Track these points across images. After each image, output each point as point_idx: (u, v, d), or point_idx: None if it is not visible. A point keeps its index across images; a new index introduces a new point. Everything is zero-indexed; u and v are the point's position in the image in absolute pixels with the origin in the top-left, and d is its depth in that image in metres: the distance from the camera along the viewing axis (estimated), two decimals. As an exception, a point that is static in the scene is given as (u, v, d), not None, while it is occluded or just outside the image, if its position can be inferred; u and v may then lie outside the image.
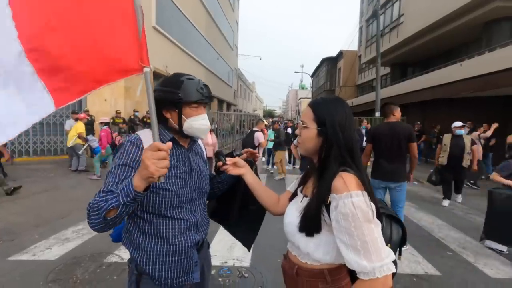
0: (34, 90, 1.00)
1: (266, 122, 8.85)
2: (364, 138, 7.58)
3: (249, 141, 6.32)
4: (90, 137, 8.48)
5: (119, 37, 1.03)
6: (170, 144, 0.95)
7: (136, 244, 1.19)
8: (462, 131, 5.43)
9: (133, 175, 0.97)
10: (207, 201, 1.49)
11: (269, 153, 9.18)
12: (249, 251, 1.62)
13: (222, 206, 1.55)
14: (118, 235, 1.36)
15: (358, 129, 8.40)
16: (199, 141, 1.42)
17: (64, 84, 1.01)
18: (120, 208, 0.96)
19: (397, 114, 3.53)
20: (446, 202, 5.65)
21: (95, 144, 8.16)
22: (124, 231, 1.27)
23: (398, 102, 15.30)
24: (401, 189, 3.42)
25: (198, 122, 1.19)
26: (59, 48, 0.99)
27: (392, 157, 3.43)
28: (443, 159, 5.49)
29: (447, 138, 5.54)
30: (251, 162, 1.43)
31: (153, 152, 0.91)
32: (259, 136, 6.30)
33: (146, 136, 1.16)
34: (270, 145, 8.62)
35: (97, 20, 1.01)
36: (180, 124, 1.18)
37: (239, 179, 1.39)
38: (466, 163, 5.39)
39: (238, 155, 1.39)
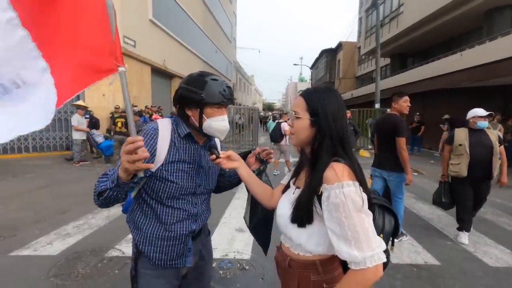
0: (48, 89, 1.05)
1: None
2: None
3: (278, 132, 7.35)
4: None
5: (94, 39, 1.05)
6: (140, 138, 0.97)
7: (136, 224, 1.26)
8: (486, 123, 3.49)
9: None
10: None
11: None
12: (265, 255, 1.53)
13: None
14: (126, 208, 1.41)
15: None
16: (216, 139, 1.43)
17: (61, 86, 1.06)
18: (107, 191, 1.05)
19: (397, 106, 3.44)
20: (465, 238, 3.61)
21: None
22: (129, 209, 1.34)
23: (398, 93, 14.93)
24: (395, 180, 3.44)
25: (217, 123, 1.21)
26: (53, 52, 1.04)
27: (382, 148, 3.60)
28: (460, 167, 3.47)
29: (461, 135, 3.54)
30: (264, 161, 1.41)
31: (125, 146, 0.95)
32: (284, 126, 7.33)
33: (164, 126, 1.23)
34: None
35: (73, 24, 1.04)
36: (201, 123, 1.21)
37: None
38: (496, 172, 3.46)
39: (249, 152, 1.43)
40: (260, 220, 1.47)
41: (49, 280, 2.67)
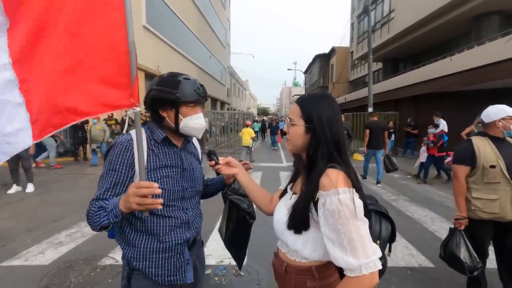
0: (16, 121, 0.99)
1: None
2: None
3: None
4: None
5: (112, 77, 1.01)
6: (156, 185, 0.97)
7: (128, 240, 1.22)
8: None
9: (121, 197, 1.03)
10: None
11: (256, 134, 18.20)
12: (239, 269, 1.59)
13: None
14: (114, 233, 1.37)
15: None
16: (194, 141, 1.43)
17: (45, 116, 1.01)
18: (112, 225, 1.07)
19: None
20: None
21: None
22: (117, 227, 1.28)
23: (390, 97, 15.23)
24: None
25: (194, 121, 1.21)
26: (47, 80, 0.98)
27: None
28: (499, 205, 2.08)
29: (487, 149, 2.11)
30: None
31: (137, 189, 0.95)
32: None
33: None
34: (257, 128, 19.19)
35: (89, 56, 0.99)
36: (177, 123, 1.20)
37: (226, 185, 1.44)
38: None
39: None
40: (234, 233, 1.47)
41: (41, 291, 2.62)
